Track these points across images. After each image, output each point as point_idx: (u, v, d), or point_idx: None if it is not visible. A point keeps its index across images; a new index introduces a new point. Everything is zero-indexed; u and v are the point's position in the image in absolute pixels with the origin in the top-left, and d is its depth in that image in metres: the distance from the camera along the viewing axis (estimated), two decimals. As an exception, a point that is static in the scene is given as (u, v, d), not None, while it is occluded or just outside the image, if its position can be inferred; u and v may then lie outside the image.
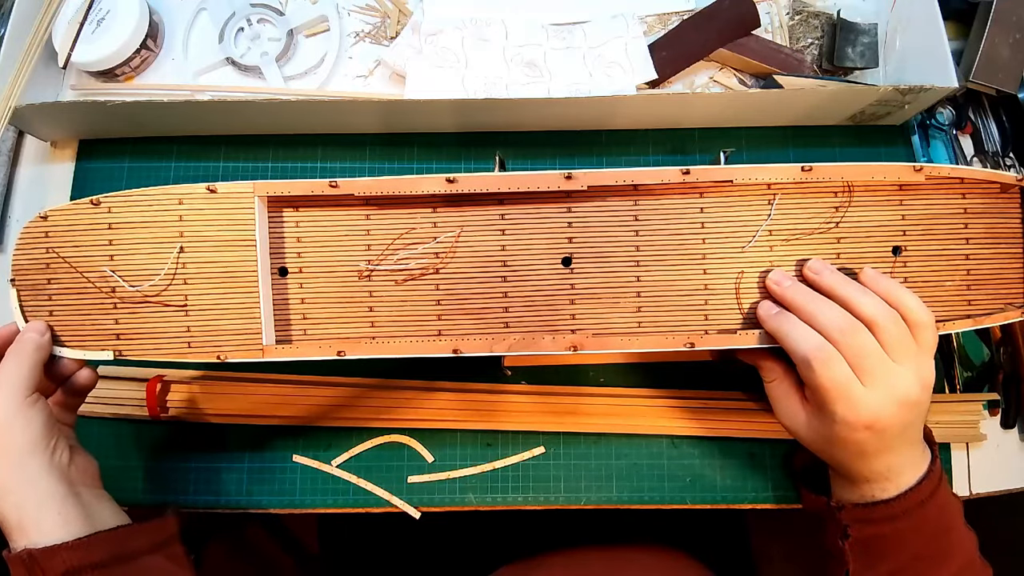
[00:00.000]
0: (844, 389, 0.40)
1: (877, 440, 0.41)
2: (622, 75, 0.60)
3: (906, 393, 0.40)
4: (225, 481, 0.56)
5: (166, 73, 0.62)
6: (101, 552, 0.40)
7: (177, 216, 0.44)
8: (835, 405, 0.40)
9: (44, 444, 0.41)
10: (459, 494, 0.55)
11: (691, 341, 0.43)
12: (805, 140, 0.61)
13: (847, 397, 0.40)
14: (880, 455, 0.42)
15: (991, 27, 0.56)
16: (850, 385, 0.40)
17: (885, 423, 0.40)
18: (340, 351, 0.43)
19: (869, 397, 0.40)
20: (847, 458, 0.43)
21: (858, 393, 0.40)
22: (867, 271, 0.43)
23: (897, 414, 0.40)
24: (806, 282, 0.43)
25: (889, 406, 0.40)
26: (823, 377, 0.40)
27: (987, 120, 0.61)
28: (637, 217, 0.45)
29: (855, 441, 0.41)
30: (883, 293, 0.41)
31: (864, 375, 0.40)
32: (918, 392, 0.41)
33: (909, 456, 0.43)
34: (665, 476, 0.56)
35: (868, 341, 0.40)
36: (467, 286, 0.45)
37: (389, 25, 0.63)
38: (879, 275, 0.42)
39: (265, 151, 0.61)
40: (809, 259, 0.44)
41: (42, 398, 0.42)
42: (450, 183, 0.43)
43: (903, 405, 0.40)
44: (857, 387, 0.40)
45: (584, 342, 0.43)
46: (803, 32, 0.62)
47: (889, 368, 0.40)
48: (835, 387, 0.40)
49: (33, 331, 0.43)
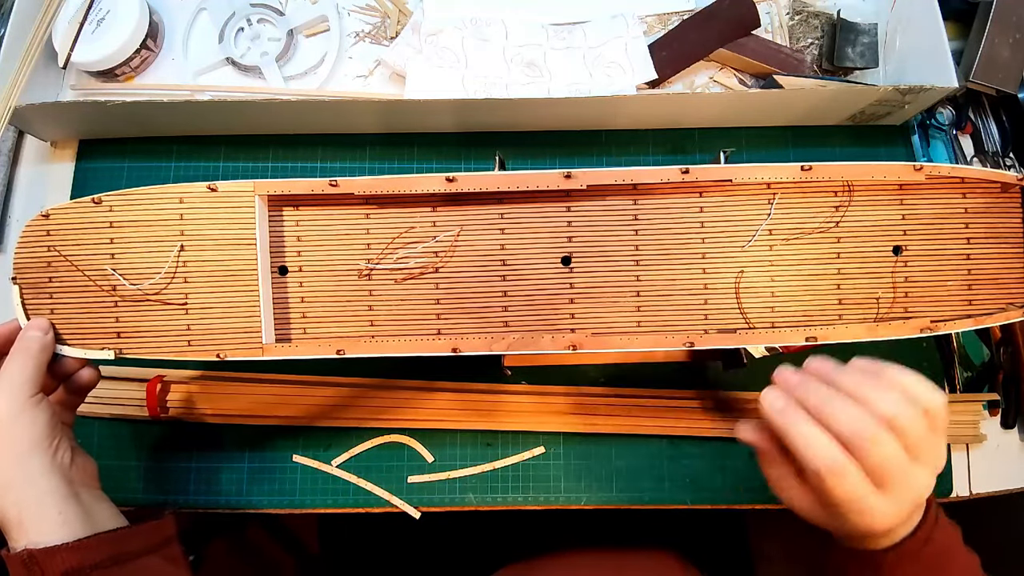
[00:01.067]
0: (859, 503, 0.36)
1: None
2: (622, 75, 0.60)
3: (923, 494, 0.37)
4: (225, 481, 0.56)
5: (166, 73, 0.62)
6: (100, 553, 0.39)
7: (178, 215, 0.44)
8: (848, 516, 0.37)
9: (47, 443, 0.41)
10: (459, 494, 0.55)
11: (691, 340, 0.43)
12: (805, 140, 0.61)
13: (861, 511, 0.36)
14: (888, 533, 0.39)
15: (991, 27, 0.56)
16: (866, 498, 0.36)
17: (899, 523, 0.37)
18: (340, 350, 0.43)
19: (886, 507, 0.36)
20: (852, 540, 0.40)
21: (874, 504, 0.36)
22: (861, 361, 0.39)
23: (912, 512, 0.38)
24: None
25: (906, 509, 0.37)
26: (837, 491, 0.35)
27: (987, 120, 0.61)
28: (637, 216, 0.45)
29: (864, 538, 0.38)
30: (893, 385, 0.37)
31: (883, 485, 0.36)
32: (932, 485, 0.37)
33: (911, 519, 0.39)
34: (665, 476, 0.56)
35: (890, 450, 0.35)
36: (466, 285, 0.45)
37: (389, 25, 0.63)
38: (877, 363, 0.38)
39: (265, 151, 0.61)
40: (810, 358, 0.40)
41: (45, 398, 0.42)
42: (450, 182, 0.43)
43: (919, 506, 0.38)
44: (873, 498, 0.36)
45: (584, 341, 0.43)
46: (803, 32, 0.62)
47: (909, 472, 0.36)
48: (850, 501, 0.36)
49: (37, 329, 0.43)
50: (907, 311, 0.46)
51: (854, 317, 0.46)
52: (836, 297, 0.46)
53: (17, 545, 0.38)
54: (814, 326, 0.45)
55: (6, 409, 0.40)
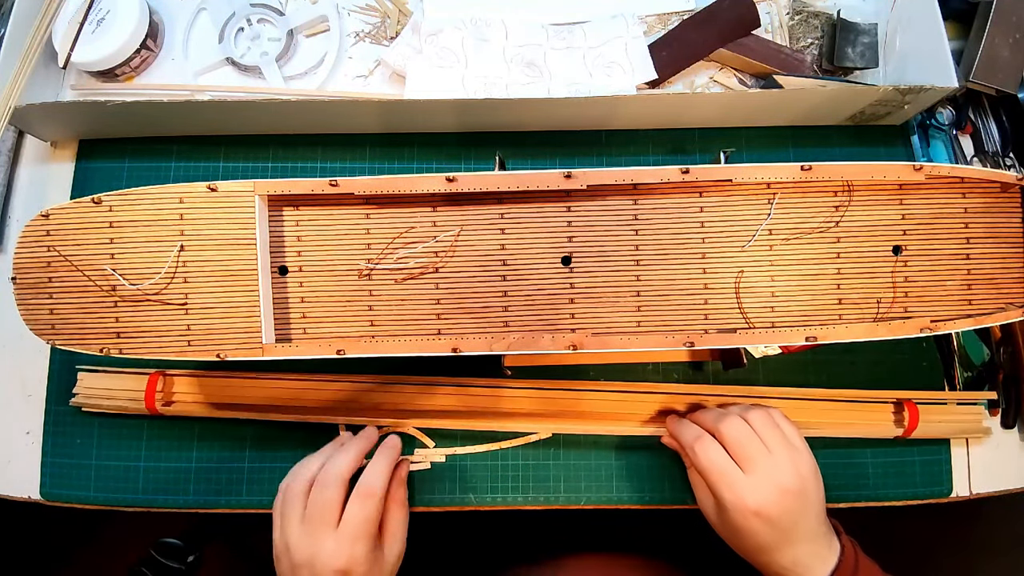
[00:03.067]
0: (726, 474, 0.44)
1: (771, 530, 0.43)
2: (622, 75, 0.60)
3: (785, 481, 0.43)
4: (225, 481, 0.56)
5: (166, 73, 0.62)
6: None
7: (178, 215, 0.44)
8: (721, 489, 0.44)
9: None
10: (459, 494, 0.55)
11: (691, 340, 0.43)
12: (805, 140, 0.61)
13: (730, 483, 0.44)
14: (781, 549, 0.44)
15: (991, 27, 0.56)
16: (730, 470, 0.44)
17: (771, 510, 0.43)
18: (340, 350, 0.43)
19: (750, 482, 0.43)
20: (752, 550, 0.45)
21: (739, 478, 0.44)
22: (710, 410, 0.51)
23: (780, 502, 0.43)
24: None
25: (772, 492, 0.43)
26: (703, 459, 0.45)
27: (987, 120, 0.61)
28: (637, 216, 0.45)
29: (750, 530, 0.43)
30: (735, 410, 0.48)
31: (743, 462, 0.44)
32: (797, 481, 0.44)
33: (812, 550, 0.44)
34: (665, 476, 0.56)
35: (742, 428, 0.45)
36: (466, 285, 0.45)
37: (389, 25, 0.63)
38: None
39: (265, 151, 0.61)
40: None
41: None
42: (450, 182, 0.43)
43: (785, 493, 0.43)
44: (737, 472, 0.44)
45: (584, 341, 0.43)
46: (803, 32, 0.62)
47: (765, 456, 0.44)
48: (715, 470, 0.44)
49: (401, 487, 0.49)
50: (907, 311, 0.46)
51: (854, 317, 0.46)
52: (836, 297, 0.46)
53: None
54: (814, 326, 0.45)
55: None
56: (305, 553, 0.43)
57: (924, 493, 0.56)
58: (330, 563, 0.42)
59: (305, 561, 0.43)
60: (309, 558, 0.43)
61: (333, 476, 0.44)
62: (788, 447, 0.45)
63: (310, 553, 0.43)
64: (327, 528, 0.43)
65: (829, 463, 0.55)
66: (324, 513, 0.43)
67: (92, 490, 0.56)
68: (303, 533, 0.44)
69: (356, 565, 0.43)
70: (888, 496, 0.56)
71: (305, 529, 0.44)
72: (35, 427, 0.57)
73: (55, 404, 0.57)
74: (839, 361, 0.57)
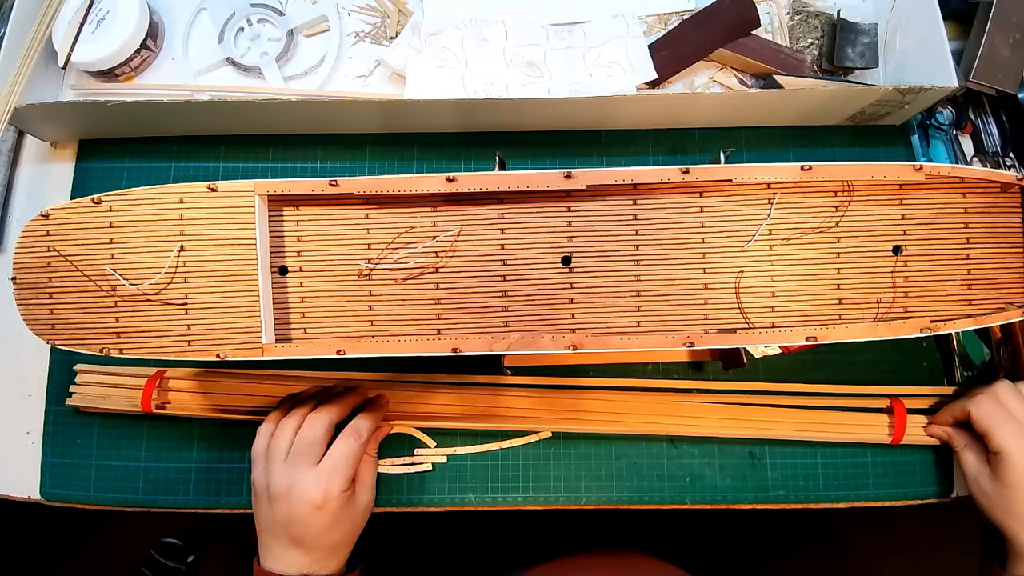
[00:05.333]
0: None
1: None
2: (622, 75, 0.60)
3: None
4: (225, 481, 0.56)
5: (166, 73, 0.62)
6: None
7: (178, 215, 0.44)
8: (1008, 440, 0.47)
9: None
10: (459, 494, 0.55)
11: (691, 340, 0.43)
12: (805, 140, 0.61)
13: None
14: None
15: (991, 27, 0.56)
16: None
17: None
18: (340, 350, 0.43)
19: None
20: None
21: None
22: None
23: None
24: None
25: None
26: (1006, 400, 0.48)
27: (987, 120, 0.61)
28: (637, 216, 0.45)
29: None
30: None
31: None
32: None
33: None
34: (665, 476, 0.56)
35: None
36: (467, 285, 0.45)
37: (389, 25, 0.63)
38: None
39: (265, 151, 0.61)
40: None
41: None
42: (450, 182, 0.43)
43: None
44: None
45: (584, 341, 0.43)
46: (803, 32, 0.62)
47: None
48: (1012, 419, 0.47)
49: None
50: (907, 311, 0.46)
51: (854, 317, 0.46)
52: (836, 297, 0.46)
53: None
54: (814, 326, 0.45)
55: (366, 504, 0.49)
56: (284, 484, 0.45)
57: (924, 493, 0.56)
58: (307, 495, 0.45)
59: (283, 493, 0.45)
60: (287, 489, 0.45)
61: (323, 417, 0.47)
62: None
63: (289, 483, 0.45)
64: (309, 463, 0.46)
65: (829, 463, 0.55)
66: (309, 448, 0.46)
67: (92, 490, 0.56)
68: (285, 467, 0.46)
69: (330, 500, 0.45)
70: (888, 496, 0.56)
71: (288, 464, 0.46)
72: (35, 427, 0.57)
73: (55, 404, 0.57)
74: (839, 361, 0.57)
